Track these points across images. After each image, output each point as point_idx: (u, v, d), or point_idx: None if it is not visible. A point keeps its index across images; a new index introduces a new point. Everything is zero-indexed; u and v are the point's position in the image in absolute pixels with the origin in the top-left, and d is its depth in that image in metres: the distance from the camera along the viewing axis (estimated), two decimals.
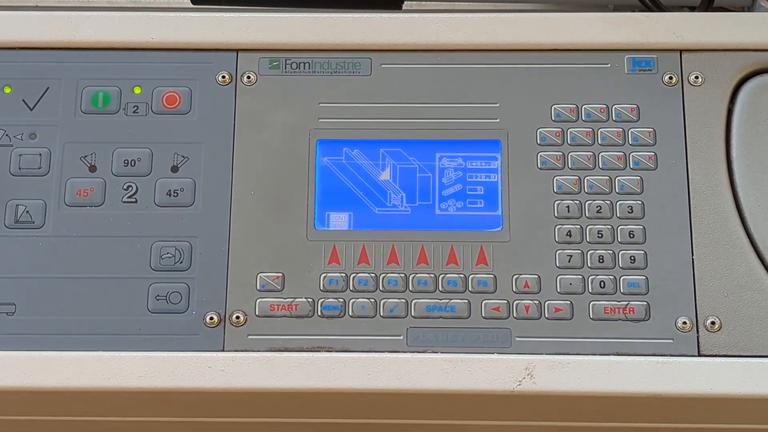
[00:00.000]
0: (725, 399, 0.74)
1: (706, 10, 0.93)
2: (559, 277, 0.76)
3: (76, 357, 0.74)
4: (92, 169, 0.79)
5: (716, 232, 0.77)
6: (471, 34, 0.83)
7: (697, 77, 0.80)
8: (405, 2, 0.99)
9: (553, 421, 0.84)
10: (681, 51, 0.82)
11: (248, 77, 0.81)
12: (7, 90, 0.82)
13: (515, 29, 0.83)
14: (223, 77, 0.81)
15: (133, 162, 0.79)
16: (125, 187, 0.78)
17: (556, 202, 0.78)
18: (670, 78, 0.81)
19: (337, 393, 0.75)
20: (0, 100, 0.82)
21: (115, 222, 0.78)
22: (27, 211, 0.78)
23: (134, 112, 0.80)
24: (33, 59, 0.83)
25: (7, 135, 0.81)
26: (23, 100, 0.81)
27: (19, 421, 0.85)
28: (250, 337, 0.75)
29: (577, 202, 0.78)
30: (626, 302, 0.75)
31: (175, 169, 0.79)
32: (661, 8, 0.93)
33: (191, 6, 0.98)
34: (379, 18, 0.84)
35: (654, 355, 0.74)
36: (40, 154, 0.79)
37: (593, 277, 0.76)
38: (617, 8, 1.04)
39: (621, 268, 0.76)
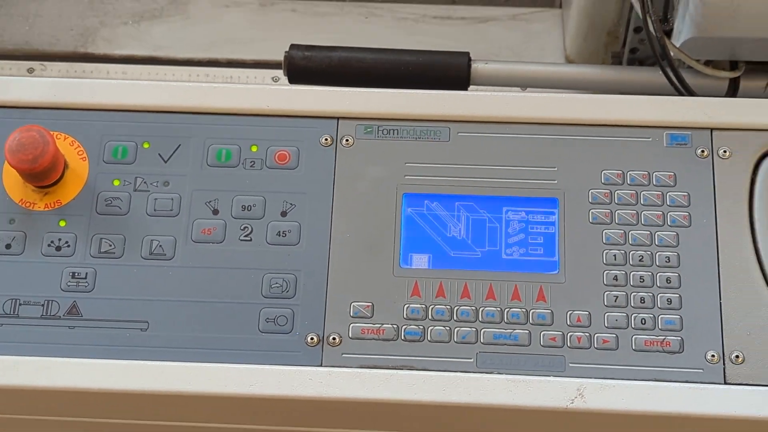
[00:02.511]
0: (748, 421, 0.79)
1: (732, 96, 1.00)
2: (606, 314, 0.83)
3: (199, 367, 0.81)
4: (215, 212, 0.87)
5: (740, 281, 0.83)
6: (533, 110, 0.90)
7: (725, 151, 0.87)
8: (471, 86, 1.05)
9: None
10: (711, 129, 0.88)
11: (347, 140, 0.89)
12: (146, 145, 0.90)
13: (572, 107, 0.90)
14: (326, 139, 0.89)
15: (249, 207, 0.87)
16: (242, 227, 0.86)
17: (605, 252, 0.85)
18: (702, 151, 0.87)
19: (417, 405, 0.81)
20: (140, 154, 0.90)
21: (233, 256, 0.86)
22: (160, 246, 0.86)
23: (251, 166, 0.88)
24: (169, 121, 0.91)
25: (145, 182, 0.88)
26: (159, 154, 0.89)
27: (139, 425, 0.91)
28: (344, 355, 0.82)
29: (623, 252, 0.85)
30: (663, 337, 0.82)
31: (284, 214, 0.87)
32: (693, 94, 0.98)
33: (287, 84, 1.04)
34: (458, 95, 0.93)
35: (686, 382, 0.80)
36: (172, 199, 0.87)
37: (635, 315, 0.83)
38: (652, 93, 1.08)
39: (659, 308, 0.83)
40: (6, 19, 1.38)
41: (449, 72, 1.04)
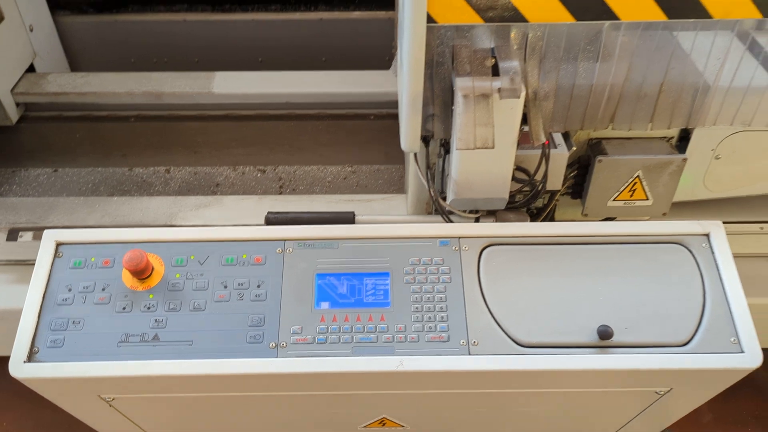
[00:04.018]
0: (480, 372, 0.89)
1: (477, 221, 1.06)
2: (413, 324, 0.91)
3: (219, 362, 0.89)
4: (225, 286, 0.93)
5: (475, 306, 0.92)
6: (379, 232, 0.98)
7: (466, 247, 0.96)
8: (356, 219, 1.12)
9: (411, 390, 0.96)
10: (459, 238, 0.97)
11: (290, 250, 0.97)
12: (192, 257, 0.94)
13: (399, 230, 0.98)
14: (279, 250, 0.96)
15: (242, 283, 0.94)
16: (238, 293, 0.93)
17: (412, 296, 0.94)
18: (455, 248, 0.96)
19: (323, 374, 0.89)
20: (189, 261, 0.95)
21: (234, 307, 0.93)
22: (198, 304, 0.93)
23: (243, 264, 0.95)
24: (204, 245, 0.96)
25: (191, 274, 0.94)
26: (198, 261, 0.95)
27: (191, 396, 0.95)
28: (289, 352, 0.90)
29: (420, 296, 0.94)
30: (440, 334, 0.91)
31: (259, 286, 0.94)
32: (451, 221, 1.07)
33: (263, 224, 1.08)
34: (344, 226, 0.99)
35: (451, 355, 0.89)
36: (205, 281, 0.93)
37: (427, 324, 0.92)
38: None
39: (437, 321, 0.92)
40: (130, 210, 1.47)
41: (346, 220, 1.12)
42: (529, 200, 1.12)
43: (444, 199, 1.10)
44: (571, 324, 0.91)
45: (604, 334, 0.88)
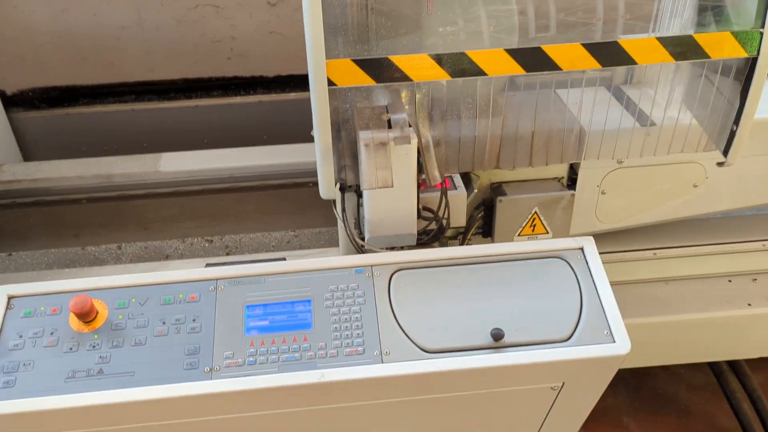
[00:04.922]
0: (394, 377, 0.97)
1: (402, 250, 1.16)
2: (333, 342, 1.00)
3: (159, 387, 0.96)
4: (164, 323, 1.01)
5: (387, 321, 1.01)
6: (299, 266, 1.06)
7: (378, 273, 1.06)
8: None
9: (336, 404, 1.03)
10: (372, 266, 1.06)
11: (221, 287, 1.05)
12: (134, 300, 1.03)
13: (321, 263, 1.07)
14: (212, 288, 1.05)
15: (179, 319, 1.02)
16: (176, 327, 1.01)
17: (330, 318, 1.02)
18: (369, 275, 1.06)
19: (252, 390, 0.96)
20: (131, 303, 1.02)
21: (172, 340, 1.00)
22: (140, 339, 1.00)
23: (179, 302, 1.03)
24: (145, 289, 1.05)
25: (133, 314, 1.02)
26: (139, 302, 1.02)
27: (137, 426, 1.01)
28: (221, 374, 0.97)
29: (338, 317, 1.02)
30: (356, 348, 1.00)
31: (194, 320, 1.01)
32: (364, 252, 1.18)
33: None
34: (275, 264, 1.07)
35: (366, 364, 0.98)
36: (145, 320, 1.01)
37: (344, 340, 1.01)
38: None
39: (354, 337, 1.01)
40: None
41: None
42: (436, 235, 1.28)
43: (363, 239, 1.24)
44: (469, 330, 1.04)
45: (497, 336, 1.02)
